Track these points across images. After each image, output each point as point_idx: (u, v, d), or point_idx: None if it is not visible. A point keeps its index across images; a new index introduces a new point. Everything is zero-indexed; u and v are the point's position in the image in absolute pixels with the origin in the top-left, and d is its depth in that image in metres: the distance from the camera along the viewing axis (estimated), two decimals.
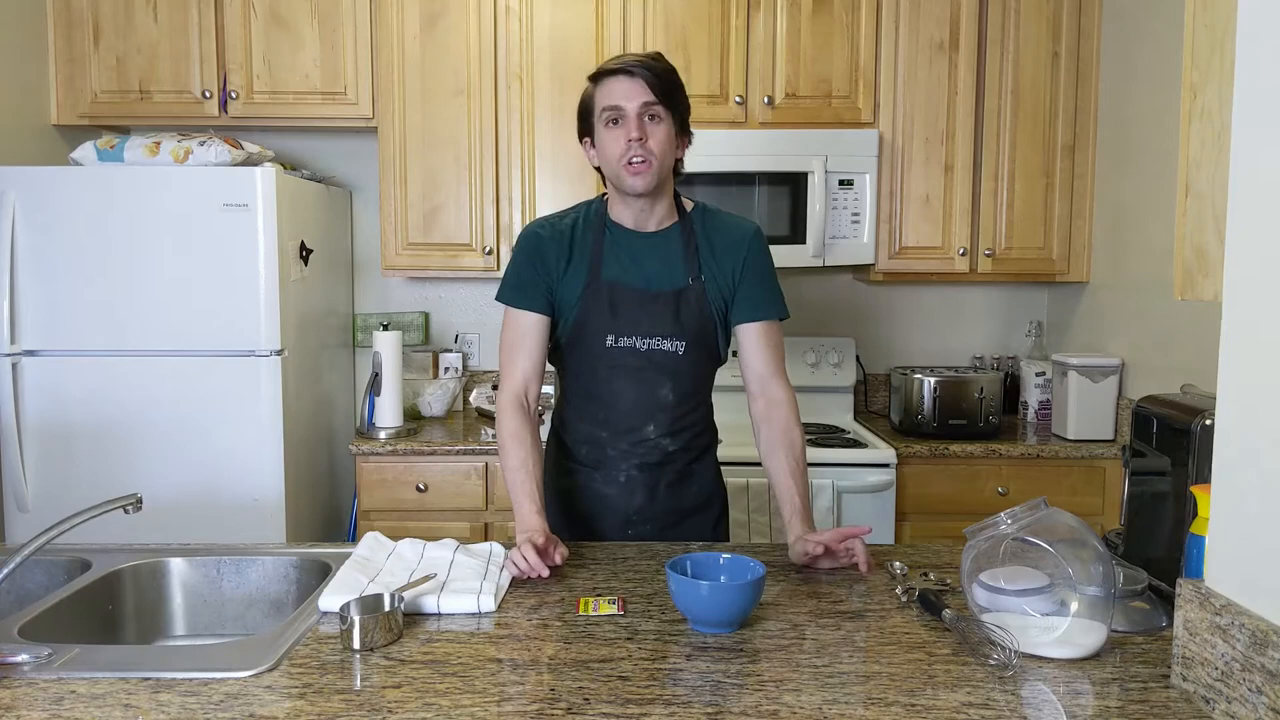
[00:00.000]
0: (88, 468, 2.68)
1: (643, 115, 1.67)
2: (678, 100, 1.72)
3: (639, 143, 1.66)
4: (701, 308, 1.76)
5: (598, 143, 1.74)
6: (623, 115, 1.67)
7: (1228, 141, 1.08)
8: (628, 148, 1.67)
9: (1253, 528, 1.05)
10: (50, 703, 1.11)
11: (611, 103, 1.68)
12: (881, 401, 3.38)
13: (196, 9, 2.95)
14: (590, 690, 1.14)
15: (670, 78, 1.71)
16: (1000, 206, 3.02)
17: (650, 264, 1.77)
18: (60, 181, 2.62)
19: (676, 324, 1.76)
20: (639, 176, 1.68)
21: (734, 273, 1.78)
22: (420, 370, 3.28)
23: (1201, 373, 2.41)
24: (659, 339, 1.76)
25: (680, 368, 1.78)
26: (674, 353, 1.77)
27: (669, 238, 1.78)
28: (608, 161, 1.72)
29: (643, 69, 1.67)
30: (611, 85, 1.69)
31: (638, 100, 1.67)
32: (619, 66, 1.69)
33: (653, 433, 1.80)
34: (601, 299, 1.75)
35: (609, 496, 1.83)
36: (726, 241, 1.79)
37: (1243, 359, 1.06)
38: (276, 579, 1.66)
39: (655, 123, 1.68)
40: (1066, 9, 2.96)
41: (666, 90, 1.69)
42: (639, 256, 1.77)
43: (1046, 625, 1.25)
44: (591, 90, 1.74)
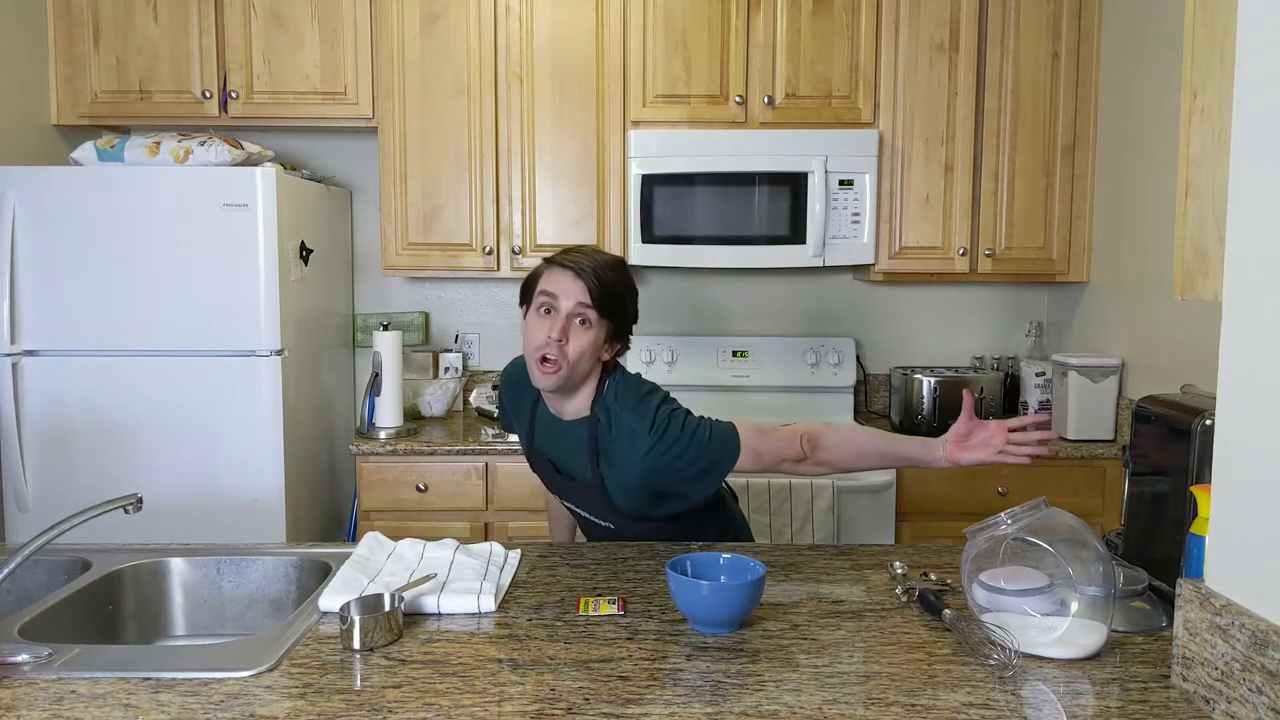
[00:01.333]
0: (88, 468, 2.68)
1: (574, 316, 1.65)
2: (618, 310, 1.70)
3: (557, 343, 1.63)
4: (607, 501, 1.73)
5: (526, 323, 1.71)
6: (555, 309, 1.65)
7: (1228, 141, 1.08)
8: (545, 342, 1.64)
9: (1253, 528, 1.05)
10: (50, 703, 1.11)
11: (548, 290, 1.66)
12: (882, 401, 3.38)
13: (196, 9, 2.95)
14: (590, 690, 1.14)
15: (616, 288, 1.68)
16: (1000, 206, 3.02)
17: (562, 450, 1.77)
18: (60, 181, 2.62)
19: (595, 508, 1.78)
20: (546, 376, 1.66)
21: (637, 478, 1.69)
22: (420, 370, 3.28)
23: (1201, 373, 2.41)
24: (591, 515, 1.82)
25: (628, 533, 1.79)
26: (610, 528, 1.80)
27: (577, 432, 1.74)
28: (526, 346, 1.69)
29: (592, 275, 1.65)
30: (556, 276, 1.67)
31: (573, 300, 1.64)
32: (569, 263, 1.66)
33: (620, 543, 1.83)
34: (538, 463, 1.84)
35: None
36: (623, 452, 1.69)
37: (1243, 359, 1.06)
38: (276, 579, 1.65)
39: (584, 328, 1.65)
40: (1066, 9, 2.96)
41: (606, 300, 1.66)
42: (556, 439, 1.78)
43: (1046, 625, 1.25)
44: (541, 270, 1.72)
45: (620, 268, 1.72)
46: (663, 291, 3.36)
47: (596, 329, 1.67)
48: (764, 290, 3.36)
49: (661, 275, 3.35)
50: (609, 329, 1.70)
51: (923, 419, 2.87)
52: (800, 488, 2.65)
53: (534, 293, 1.71)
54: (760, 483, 2.63)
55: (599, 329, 1.68)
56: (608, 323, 1.69)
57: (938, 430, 2.83)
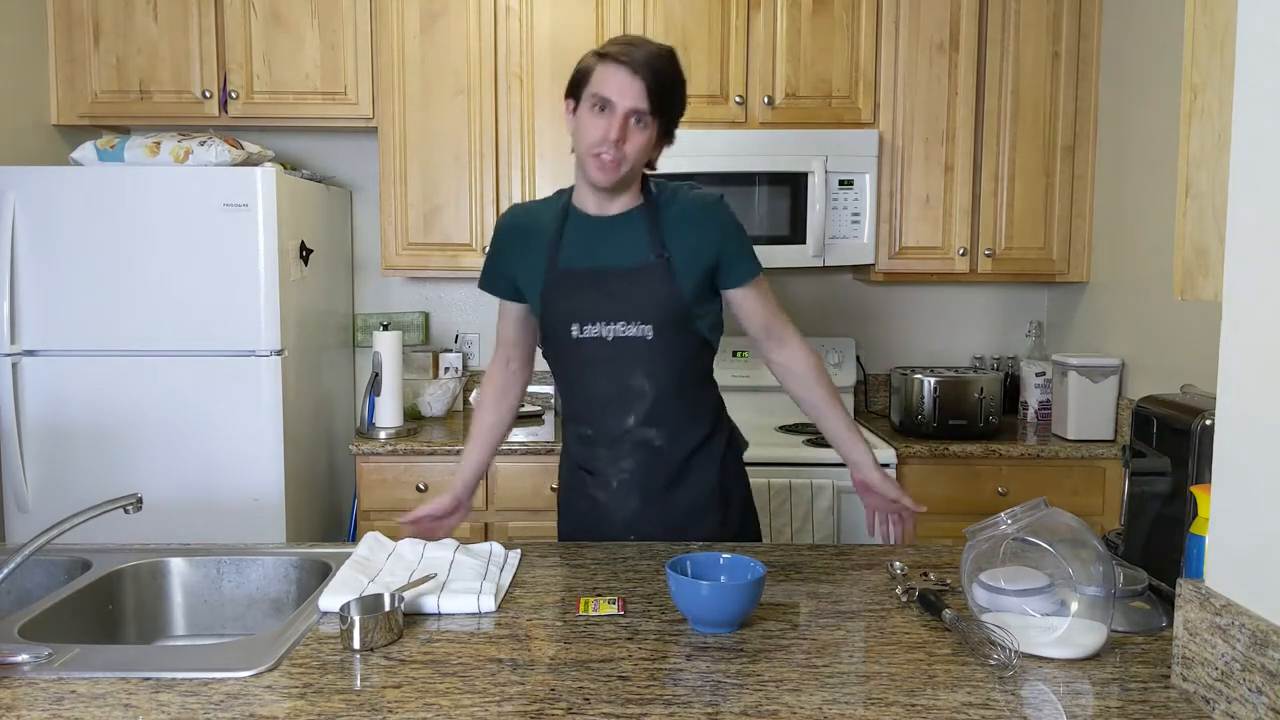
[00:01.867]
0: (88, 468, 2.68)
1: (630, 116, 1.63)
2: (671, 106, 1.68)
3: (615, 143, 1.62)
4: (666, 286, 1.71)
5: (578, 119, 1.67)
6: (610, 107, 1.63)
7: (1228, 141, 1.08)
8: (602, 142, 1.62)
9: (1253, 528, 1.05)
10: (50, 703, 1.11)
11: (603, 93, 1.62)
12: (882, 401, 3.38)
13: (196, 9, 2.95)
14: (590, 690, 1.14)
15: (670, 83, 1.66)
16: (1000, 206, 3.02)
17: (609, 245, 1.73)
18: (60, 181, 2.62)
19: (641, 305, 1.71)
20: (603, 172, 1.65)
21: (708, 246, 1.73)
22: (420, 370, 3.28)
23: (1201, 373, 2.41)
24: (624, 324, 1.72)
25: (653, 356, 1.72)
26: (642, 338, 1.72)
27: (630, 219, 1.74)
28: (580, 143, 1.67)
29: (647, 70, 1.61)
30: (611, 75, 1.62)
31: (630, 101, 1.62)
32: (626, 59, 1.61)
33: (633, 424, 1.75)
34: (561, 286, 1.74)
35: (605, 504, 1.80)
36: (695, 218, 1.74)
37: (1243, 359, 1.06)
38: (276, 579, 1.65)
39: (640, 127, 1.64)
40: (1066, 9, 2.96)
41: (662, 99, 1.64)
42: (598, 240, 1.74)
43: (1046, 625, 1.25)
44: (592, 63, 1.66)
45: (672, 58, 1.67)
46: None
47: (651, 130, 1.66)
48: None
49: None
50: (661, 128, 1.68)
51: (923, 419, 2.87)
52: (800, 488, 2.65)
53: (584, 88, 1.66)
54: (760, 483, 2.63)
55: (653, 129, 1.66)
56: (660, 122, 1.67)
57: (937, 430, 2.85)
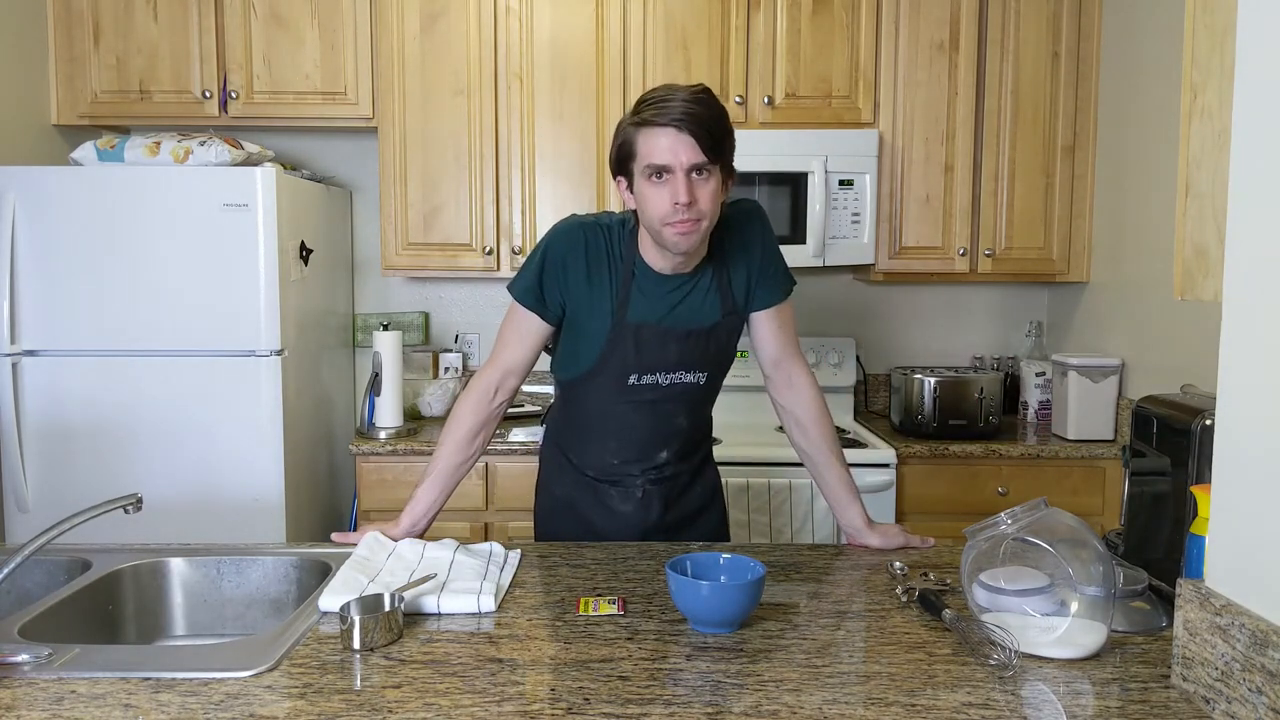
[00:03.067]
0: (88, 468, 2.68)
1: (691, 173, 1.52)
2: (727, 148, 1.57)
3: (686, 206, 1.52)
4: (732, 338, 1.75)
5: (638, 194, 1.58)
6: (669, 172, 1.52)
7: (1228, 141, 1.08)
8: (674, 210, 1.52)
9: (1253, 528, 1.05)
10: (50, 703, 1.11)
11: (658, 162, 1.52)
12: (881, 401, 3.38)
13: (196, 9, 2.95)
14: (590, 690, 1.14)
15: (719, 126, 1.54)
16: (1000, 206, 3.02)
17: (682, 305, 1.68)
18: (60, 181, 2.62)
19: (703, 358, 1.72)
20: (685, 239, 1.56)
21: (750, 270, 1.72)
22: (420, 370, 3.28)
23: (1201, 373, 2.41)
24: (682, 373, 1.71)
25: (699, 396, 1.78)
26: (695, 384, 1.74)
27: (702, 278, 1.69)
28: (648, 217, 1.57)
29: (692, 124, 1.50)
30: (657, 140, 1.52)
31: (687, 160, 1.51)
32: (667, 120, 1.50)
33: (665, 457, 1.80)
34: (627, 342, 1.67)
35: (625, 513, 1.81)
36: (740, 245, 1.71)
37: (1243, 359, 1.06)
38: (276, 579, 1.65)
39: (704, 179, 1.54)
40: (1066, 9, 2.96)
41: (716, 144, 1.53)
42: (670, 298, 1.68)
43: (1046, 625, 1.25)
44: (632, 134, 1.55)
45: (709, 97, 1.55)
46: None
47: (715, 176, 1.56)
48: None
49: None
50: (724, 170, 1.58)
51: (923, 419, 2.87)
52: (800, 488, 2.65)
53: (634, 161, 1.56)
54: (760, 483, 2.63)
55: (717, 175, 1.56)
56: (721, 166, 1.57)
57: (937, 430, 2.85)
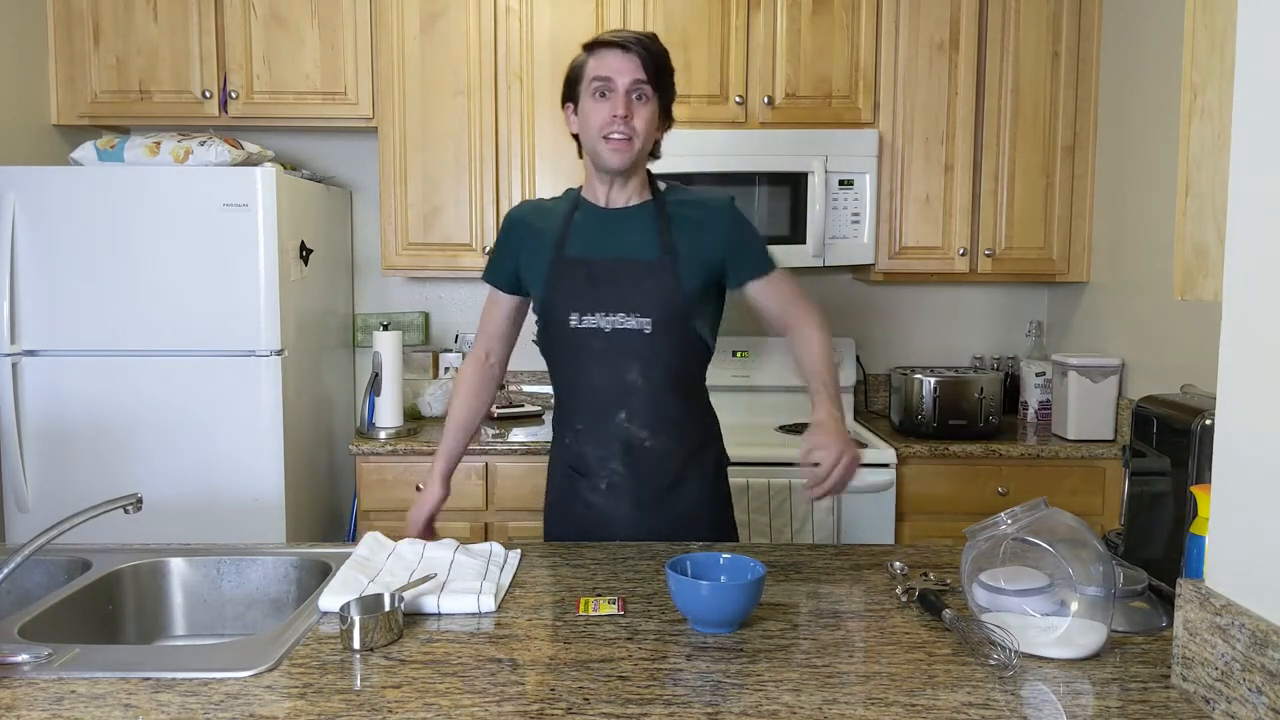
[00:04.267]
0: (88, 468, 2.68)
1: (631, 92, 1.67)
2: (667, 84, 1.72)
3: (623, 120, 1.65)
4: (670, 281, 1.71)
5: (581, 111, 1.72)
6: (612, 89, 1.67)
7: (1228, 141, 1.08)
8: (611, 122, 1.66)
9: (1253, 528, 1.05)
10: (50, 703, 1.11)
11: (603, 74, 1.67)
12: (881, 401, 3.38)
13: (196, 9, 2.95)
14: (590, 690, 1.14)
15: (664, 60, 1.71)
16: (1000, 206, 3.02)
17: (616, 237, 1.75)
18: (60, 181, 2.62)
19: (643, 299, 1.71)
20: (618, 153, 1.67)
21: (717, 247, 1.75)
22: (420, 370, 3.28)
23: (1201, 373, 2.41)
24: (624, 316, 1.71)
25: (650, 351, 1.72)
26: (640, 331, 1.71)
27: (639, 214, 1.76)
28: (588, 131, 1.70)
29: (639, 46, 1.67)
30: (606, 57, 1.68)
31: (629, 76, 1.66)
32: (617, 40, 1.68)
33: (624, 419, 1.74)
34: (565, 274, 1.75)
35: (599, 506, 1.79)
36: (703, 217, 1.76)
37: (1243, 359, 1.06)
38: (276, 579, 1.65)
39: (642, 102, 1.68)
40: (1066, 9, 2.96)
41: (658, 72, 1.69)
42: (607, 230, 1.76)
43: (1046, 625, 1.25)
44: (584, 59, 1.72)
45: (657, 39, 1.72)
46: None
47: (653, 103, 1.70)
48: None
49: None
50: (661, 105, 1.72)
51: (923, 419, 2.87)
52: (801, 488, 2.65)
53: (582, 82, 1.71)
54: (760, 483, 2.63)
55: (655, 103, 1.70)
56: (659, 98, 1.71)
57: (937, 430, 2.85)
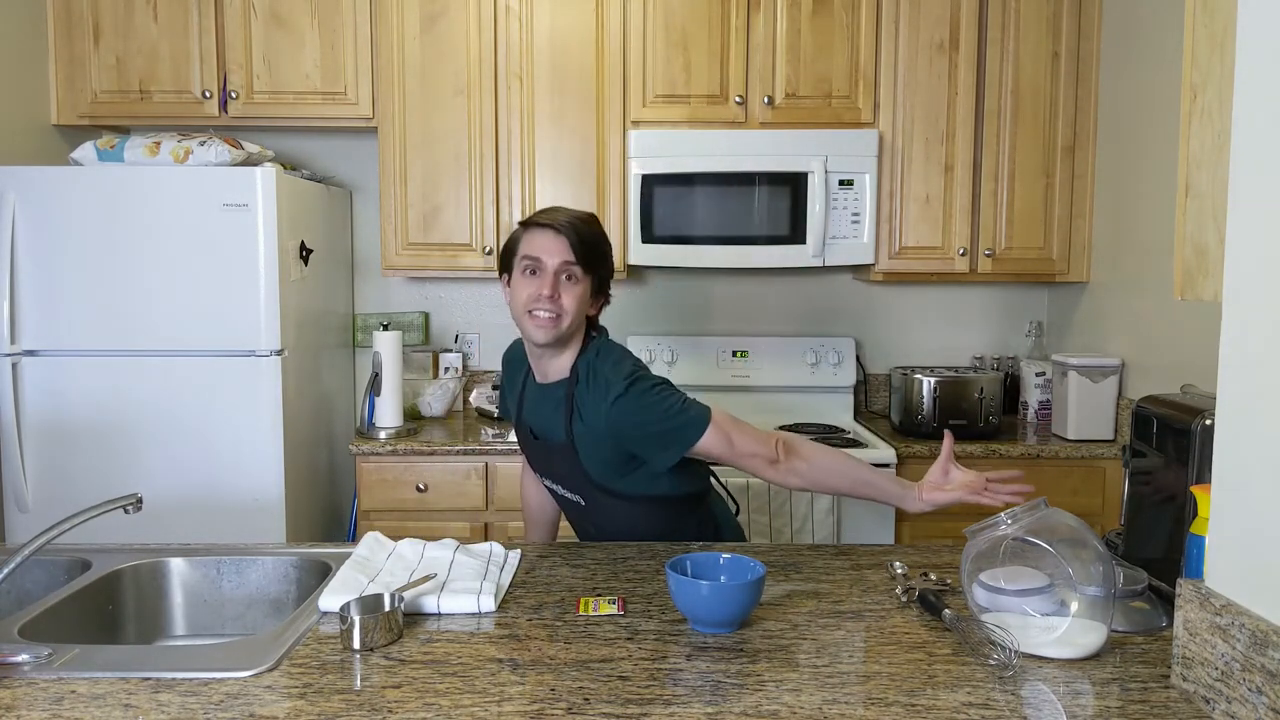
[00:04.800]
0: (88, 468, 2.68)
1: (561, 273, 1.70)
2: (599, 263, 1.75)
3: (549, 299, 1.68)
4: (577, 467, 1.76)
5: (512, 285, 1.76)
6: (540, 268, 1.70)
7: (1228, 141, 1.08)
8: (537, 300, 1.69)
9: (1253, 528, 1.05)
10: (50, 703, 1.11)
11: (532, 253, 1.71)
12: (881, 401, 3.38)
13: (196, 9, 2.95)
14: (590, 690, 1.14)
15: (595, 242, 1.74)
16: (1000, 206, 3.02)
17: (543, 414, 1.81)
18: (60, 181, 2.62)
19: (568, 477, 1.80)
20: (541, 329, 1.70)
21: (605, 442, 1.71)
22: (420, 370, 3.28)
23: (1201, 373, 2.41)
24: (562, 489, 1.84)
25: (595, 513, 1.82)
26: (578, 503, 1.83)
27: (555, 393, 1.78)
28: (516, 306, 1.74)
29: (570, 229, 1.70)
30: (537, 237, 1.71)
31: (558, 258, 1.69)
32: (547, 222, 1.71)
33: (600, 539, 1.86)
34: (523, 439, 1.88)
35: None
36: (592, 410, 1.71)
37: (1243, 359, 1.06)
38: (276, 579, 1.66)
39: (571, 282, 1.71)
40: (1066, 9, 2.96)
41: (588, 254, 1.72)
42: (538, 404, 1.82)
43: (1046, 625, 1.25)
44: (519, 234, 1.76)
45: (595, 222, 1.77)
46: (663, 291, 3.36)
47: (583, 284, 1.73)
48: (764, 290, 3.36)
49: (661, 275, 3.34)
50: (593, 283, 1.76)
51: (923, 419, 2.87)
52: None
53: (515, 258, 1.75)
54: (760, 483, 2.63)
55: (584, 284, 1.73)
56: (591, 277, 1.75)
57: (937, 430, 2.85)
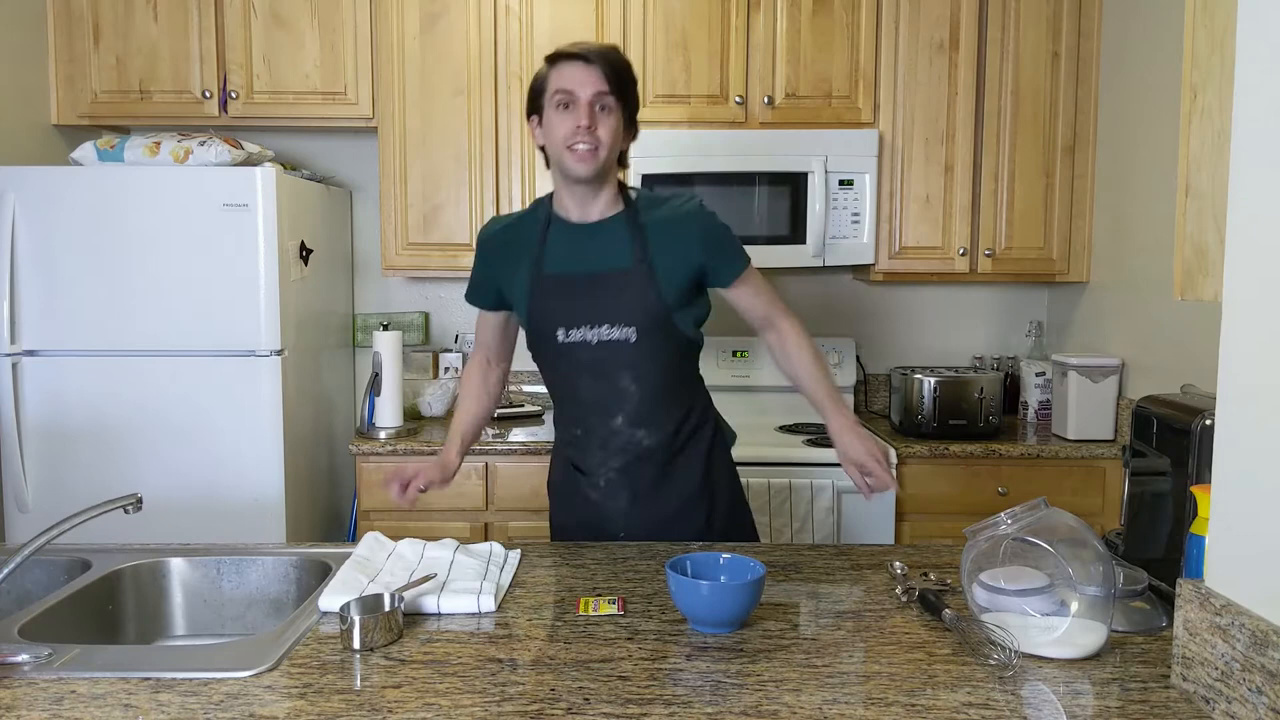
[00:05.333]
0: (88, 468, 2.68)
1: (594, 104, 1.68)
2: (630, 94, 1.74)
3: (587, 130, 1.67)
4: (649, 290, 1.73)
5: (545, 123, 1.73)
6: (574, 101, 1.67)
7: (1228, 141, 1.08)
8: (575, 133, 1.67)
9: (1252, 528, 1.05)
10: (50, 703, 1.11)
11: (565, 86, 1.68)
12: (881, 401, 3.38)
13: (196, 9, 2.95)
14: (590, 690, 1.14)
15: (625, 71, 1.73)
16: (1000, 206, 3.02)
17: (592, 251, 1.76)
18: (60, 181, 2.62)
19: (624, 309, 1.74)
20: (583, 163, 1.68)
21: (689, 254, 1.76)
22: (420, 370, 3.28)
23: (1201, 373, 2.41)
24: (607, 327, 1.75)
25: (637, 356, 1.75)
26: (625, 341, 1.74)
27: (612, 226, 1.77)
28: (553, 143, 1.71)
29: (600, 59, 1.68)
30: (567, 70, 1.69)
31: (591, 88, 1.67)
32: (577, 52, 1.69)
33: (623, 424, 1.78)
34: (546, 292, 1.77)
35: (597, 502, 1.84)
36: (673, 224, 1.77)
37: (1243, 359, 1.06)
38: (276, 579, 1.66)
39: (605, 113, 1.69)
40: (1066, 9, 2.96)
41: (620, 83, 1.70)
42: (581, 245, 1.77)
43: (1046, 625, 1.25)
44: (545, 71, 1.73)
45: (619, 51, 1.74)
46: None
47: (616, 113, 1.71)
48: None
49: None
50: (625, 114, 1.73)
51: (923, 419, 2.87)
52: (800, 488, 2.65)
53: (545, 95, 1.72)
54: (760, 483, 2.63)
55: (618, 113, 1.71)
56: (623, 108, 1.72)
57: (937, 430, 2.85)
